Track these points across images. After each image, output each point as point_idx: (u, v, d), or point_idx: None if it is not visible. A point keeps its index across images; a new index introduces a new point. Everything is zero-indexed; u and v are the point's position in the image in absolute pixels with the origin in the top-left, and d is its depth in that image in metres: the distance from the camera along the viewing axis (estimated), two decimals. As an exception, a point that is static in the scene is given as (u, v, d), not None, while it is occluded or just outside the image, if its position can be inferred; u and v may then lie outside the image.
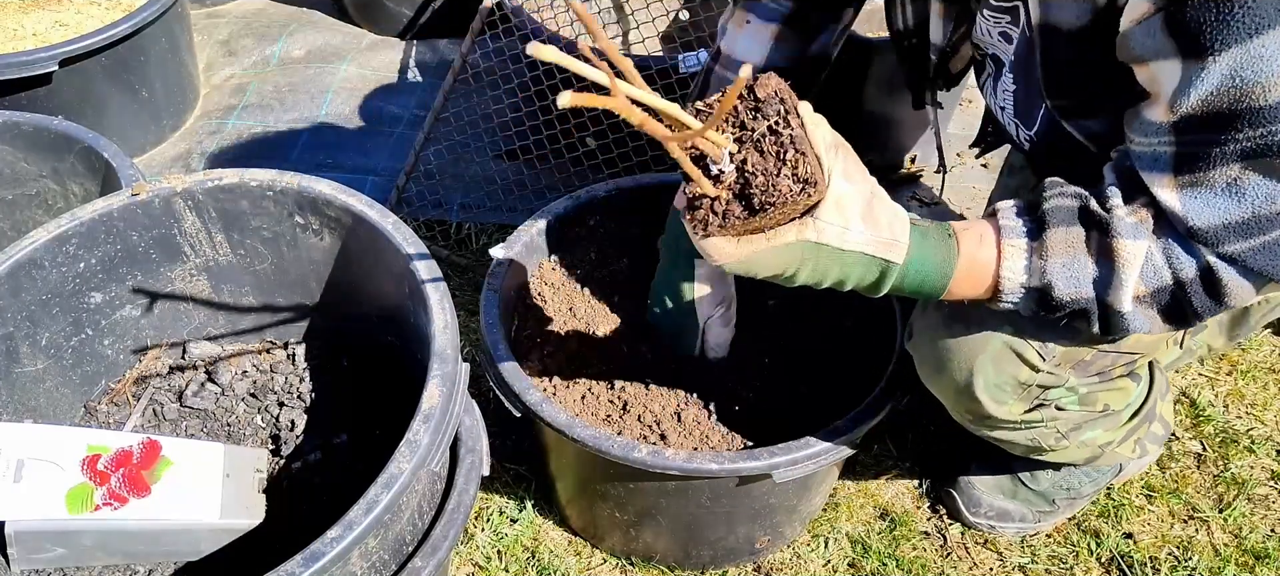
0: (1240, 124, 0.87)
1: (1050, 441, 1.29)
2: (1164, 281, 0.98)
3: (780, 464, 1.20)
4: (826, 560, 1.50)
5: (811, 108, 0.94)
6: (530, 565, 1.49)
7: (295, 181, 1.29)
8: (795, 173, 0.89)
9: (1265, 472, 1.63)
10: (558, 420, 1.23)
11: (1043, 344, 1.13)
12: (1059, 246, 0.98)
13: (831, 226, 0.92)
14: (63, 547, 1.13)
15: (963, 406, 1.23)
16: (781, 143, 0.90)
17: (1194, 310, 0.99)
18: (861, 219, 0.94)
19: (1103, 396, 1.27)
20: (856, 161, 0.96)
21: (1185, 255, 0.97)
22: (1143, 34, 0.91)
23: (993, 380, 1.17)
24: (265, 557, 0.97)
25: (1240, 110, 0.87)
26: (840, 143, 0.95)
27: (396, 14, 2.69)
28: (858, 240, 0.94)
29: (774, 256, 0.94)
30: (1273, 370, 1.79)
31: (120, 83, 2.19)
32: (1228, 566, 1.49)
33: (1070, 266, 0.98)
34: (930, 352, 1.20)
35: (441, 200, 2.14)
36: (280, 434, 1.34)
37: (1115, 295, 0.98)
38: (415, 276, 1.17)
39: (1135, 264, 0.97)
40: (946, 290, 1.02)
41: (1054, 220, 0.99)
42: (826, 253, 0.94)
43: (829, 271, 0.96)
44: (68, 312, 1.29)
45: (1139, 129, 0.96)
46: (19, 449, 1.14)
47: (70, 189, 1.70)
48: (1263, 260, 0.94)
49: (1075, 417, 1.26)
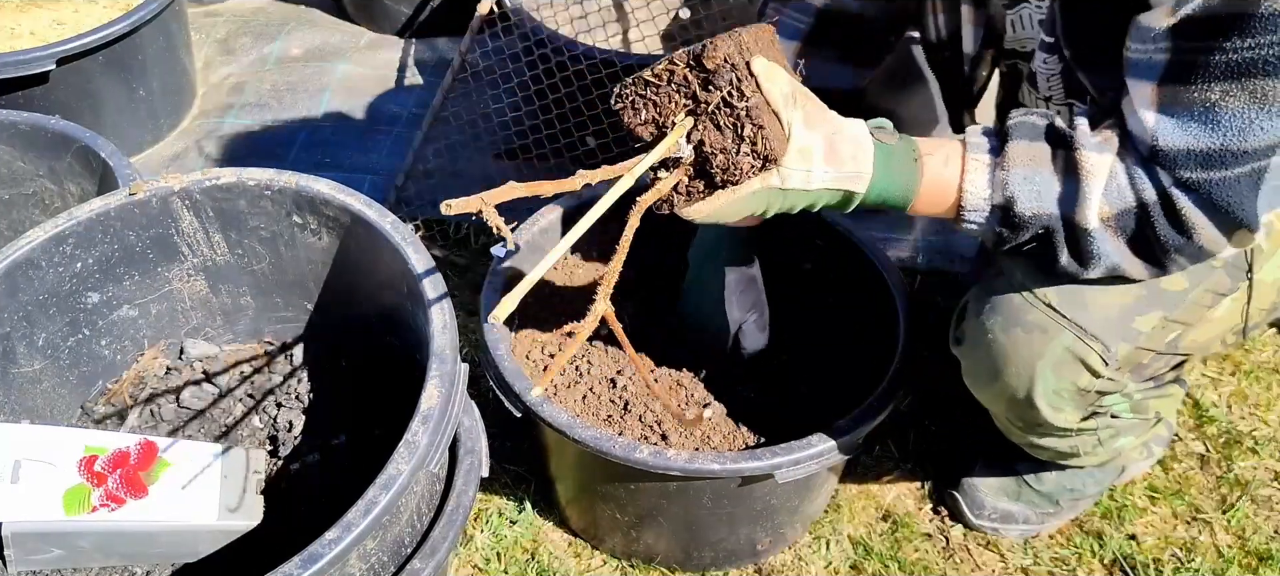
0: (1234, 32, 0.87)
1: (1088, 447, 1.27)
2: (1127, 202, 0.98)
3: (782, 464, 1.19)
4: (828, 562, 1.49)
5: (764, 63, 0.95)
6: (530, 566, 1.49)
7: (293, 181, 1.28)
8: (754, 149, 0.91)
9: (1269, 473, 1.62)
10: (559, 420, 1.22)
11: (1106, 347, 1.11)
12: (1021, 159, 1.00)
13: (795, 172, 0.97)
14: (60, 548, 1.13)
15: (1016, 413, 1.21)
16: (737, 116, 0.91)
17: (1160, 242, 0.99)
18: (824, 160, 0.98)
19: (1154, 403, 1.27)
20: (816, 104, 0.99)
21: (1145, 177, 0.97)
22: None
23: (1052, 387, 1.14)
24: (263, 559, 0.96)
25: (1237, 15, 0.87)
26: (798, 90, 0.97)
27: (395, 12, 2.68)
28: (822, 179, 0.99)
29: (741, 204, 0.98)
30: (1276, 370, 1.78)
31: (118, 81, 2.19)
32: (1231, 568, 1.48)
33: (1032, 179, 1.00)
34: (984, 358, 1.17)
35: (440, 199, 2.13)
36: (278, 435, 1.33)
37: (1081, 211, 0.99)
38: (414, 276, 1.17)
39: (1099, 176, 0.97)
40: (911, 206, 1.04)
41: (1017, 134, 1.01)
42: (792, 193, 0.99)
43: (796, 204, 1.01)
44: (65, 313, 1.28)
45: (1137, 36, 0.96)
46: (16, 449, 1.13)
47: (67, 188, 1.69)
48: (1221, 193, 0.94)
49: (1122, 425, 1.25)
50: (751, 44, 0.95)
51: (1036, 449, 1.30)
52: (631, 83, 0.97)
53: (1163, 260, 1.02)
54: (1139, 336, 1.12)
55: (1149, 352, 1.15)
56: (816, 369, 1.46)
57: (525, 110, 2.21)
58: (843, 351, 1.46)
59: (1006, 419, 1.24)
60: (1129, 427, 1.27)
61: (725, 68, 0.92)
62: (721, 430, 1.39)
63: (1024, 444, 1.29)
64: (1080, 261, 1.03)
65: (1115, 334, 1.11)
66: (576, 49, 2.00)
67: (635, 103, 0.97)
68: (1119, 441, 1.29)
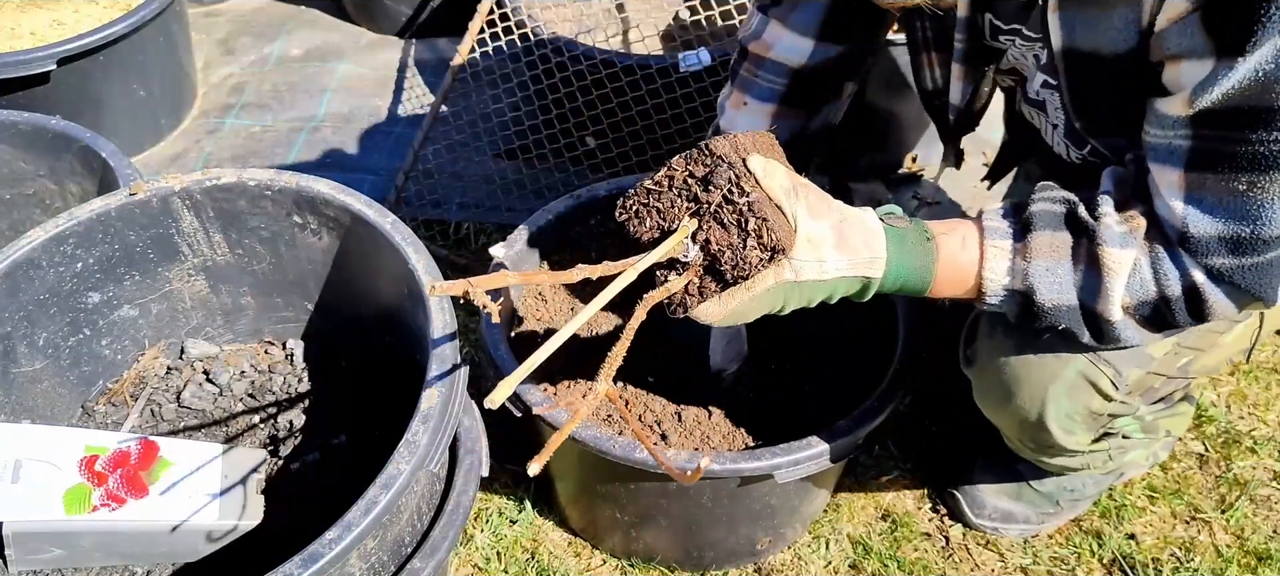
0: (1257, 125, 0.86)
1: (1099, 463, 1.28)
2: (1149, 294, 0.98)
3: (782, 464, 1.19)
4: (827, 561, 1.49)
5: (762, 161, 0.94)
6: (530, 566, 1.49)
7: (293, 181, 1.29)
8: (761, 241, 0.91)
9: (1267, 473, 1.62)
10: (559, 421, 1.22)
11: (1118, 372, 1.11)
12: (1043, 250, 0.98)
13: (808, 264, 0.95)
14: (61, 548, 1.13)
15: (1028, 435, 1.21)
16: (739, 211, 0.91)
17: (1176, 322, 0.99)
18: (835, 249, 0.96)
19: (1164, 422, 1.27)
20: (819, 194, 0.98)
21: (1173, 270, 0.96)
22: (1178, 33, 0.90)
23: (1065, 410, 1.14)
24: (263, 558, 0.96)
25: (1260, 109, 0.86)
26: (799, 183, 0.97)
27: (395, 12, 2.68)
28: (837, 268, 0.97)
29: (757, 303, 0.97)
30: (1275, 370, 1.78)
31: (118, 82, 2.19)
32: (1230, 567, 1.48)
33: (1053, 271, 0.98)
34: (996, 381, 1.16)
35: (440, 200, 2.13)
36: (279, 434, 1.33)
37: (1103, 304, 0.98)
38: (414, 276, 1.17)
39: (1122, 273, 0.96)
40: (930, 288, 1.03)
41: (1039, 223, 0.99)
42: (808, 286, 0.97)
43: (815, 296, 1.00)
44: (65, 313, 1.28)
45: (1156, 121, 0.95)
46: (16, 449, 1.14)
47: (68, 188, 1.69)
48: (1251, 280, 0.94)
49: (1132, 444, 1.25)
50: (748, 144, 0.95)
51: (1046, 465, 1.31)
52: (634, 192, 0.97)
53: (1173, 331, 1.03)
54: (1151, 361, 1.13)
55: (1160, 377, 1.15)
56: (816, 369, 1.46)
57: (525, 110, 2.21)
58: (843, 351, 1.46)
59: (1018, 439, 1.24)
60: (1139, 444, 1.27)
61: (723, 166, 0.92)
62: (721, 430, 1.39)
63: (1034, 460, 1.29)
64: (1100, 341, 1.03)
65: (1128, 359, 1.11)
66: (576, 49, 2.00)
67: (639, 211, 0.97)
68: (1128, 455, 1.30)
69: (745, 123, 1.42)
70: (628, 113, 2.00)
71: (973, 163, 2.24)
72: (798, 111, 1.42)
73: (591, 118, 2.03)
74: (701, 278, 0.93)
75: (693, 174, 0.94)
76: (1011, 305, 1.03)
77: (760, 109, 1.41)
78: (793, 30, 1.36)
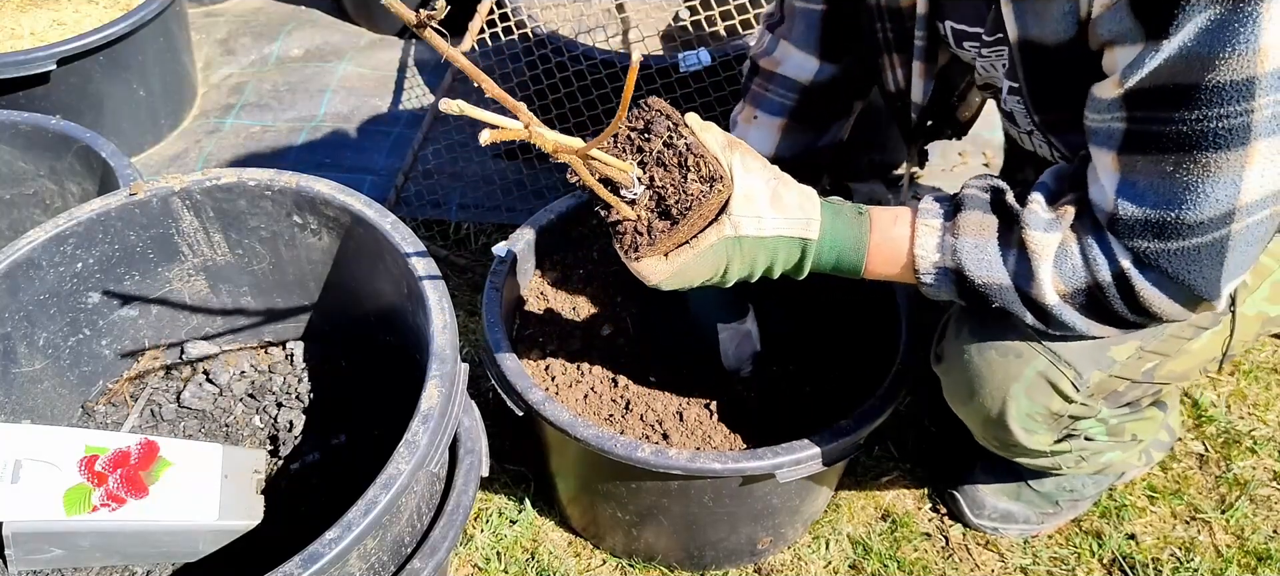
0: (1181, 104, 0.87)
1: (1070, 465, 1.28)
2: (1081, 281, 0.99)
3: (783, 464, 1.19)
4: (827, 561, 1.49)
5: (697, 117, 1.00)
6: (530, 566, 1.49)
7: (293, 181, 1.29)
8: (700, 174, 0.96)
9: (1267, 473, 1.62)
10: (560, 419, 1.22)
11: (1078, 374, 1.12)
12: (971, 228, 1.02)
13: (746, 219, 0.99)
14: (60, 548, 1.13)
15: (991, 434, 1.22)
16: (679, 152, 0.97)
17: (1115, 311, 1.00)
18: (770, 205, 1.01)
19: (1130, 426, 1.27)
20: (753, 154, 1.02)
21: (1101, 255, 0.97)
22: (1110, 18, 0.92)
23: (1025, 410, 1.15)
24: (264, 558, 0.96)
25: (1184, 87, 0.87)
26: (733, 141, 1.02)
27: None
28: (774, 226, 1.00)
29: (701, 261, 1.00)
30: (1275, 370, 1.78)
31: (118, 82, 2.19)
32: (1230, 567, 1.48)
33: (982, 249, 1.02)
34: (961, 378, 1.18)
35: (440, 200, 2.13)
36: (279, 434, 1.33)
37: (1036, 288, 1.00)
38: (414, 276, 1.17)
39: (1046, 255, 0.99)
40: (865, 265, 1.06)
41: (969, 205, 1.03)
42: (748, 243, 1.00)
43: (756, 259, 1.02)
44: (65, 313, 1.28)
45: (1093, 106, 0.97)
46: (16, 449, 1.14)
47: (68, 188, 1.69)
48: (1178, 266, 0.94)
49: (1100, 447, 1.26)
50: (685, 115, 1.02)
51: (1017, 463, 1.31)
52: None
53: (1127, 326, 1.03)
54: (1113, 365, 1.13)
55: (1124, 381, 1.15)
56: (817, 369, 1.46)
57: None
58: (844, 352, 1.46)
59: (983, 437, 1.25)
60: (1109, 448, 1.27)
61: (660, 118, 0.99)
62: (723, 430, 1.39)
63: (1005, 457, 1.30)
64: (1046, 325, 1.05)
65: (1089, 361, 1.12)
66: (576, 49, 2.00)
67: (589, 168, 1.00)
68: (1104, 457, 1.30)
69: (755, 136, 1.44)
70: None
71: (974, 162, 2.24)
72: (807, 128, 1.44)
73: (591, 118, 2.03)
74: (650, 215, 0.97)
75: (634, 127, 1.00)
76: (947, 283, 1.05)
77: (770, 122, 1.43)
78: (798, 48, 1.39)
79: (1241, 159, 0.87)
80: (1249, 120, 0.85)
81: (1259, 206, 0.90)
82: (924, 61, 1.26)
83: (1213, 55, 0.84)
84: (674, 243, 0.98)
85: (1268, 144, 0.87)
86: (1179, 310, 0.98)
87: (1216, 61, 0.84)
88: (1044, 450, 1.22)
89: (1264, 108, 0.85)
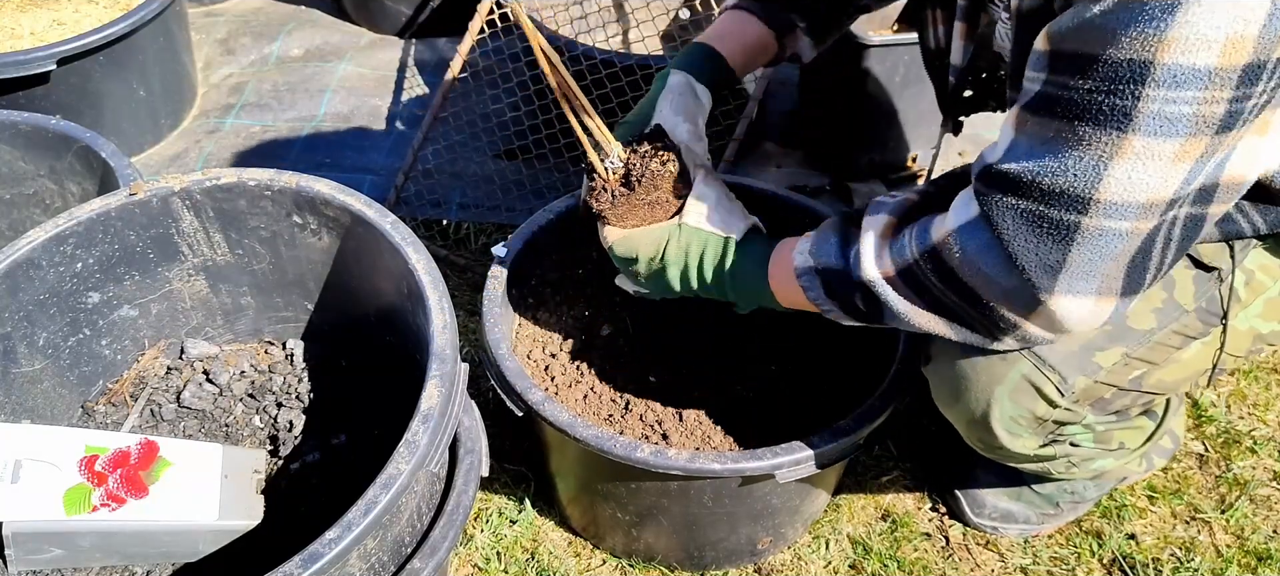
0: (1082, 71, 0.83)
1: (1060, 470, 1.28)
2: (907, 257, 1.00)
3: (783, 464, 1.19)
4: (827, 561, 1.49)
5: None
6: (530, 566, 1.49)
7: (293, 181, 1.29)
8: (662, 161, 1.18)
9: (1267, 473, 1.62)
10: (560, 419, 1.22)
11: (1063, 378, 1.12)
12: (825, 228, 1.11)
13: (691, 214, 1.19)
14: (60, 548, 1.13)
15: (976, 436, 1.22)
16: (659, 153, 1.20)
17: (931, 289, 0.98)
18: (714, 210, 1.19)
19: (1118, 434, 1.27)
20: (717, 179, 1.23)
21: (929, 230, 0.98)
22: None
23: (1009, 413, 1.15)
24: (264, 558, 0.96)
25: (1088, 56, 0.83)
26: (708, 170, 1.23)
27: (395, 13, 2.68)
28: (710, 225, 1.19)
29: (647, 236, 1.20)
30: (1275, 370, 1.78)
31: (118, 82, 2.19)
32: (1230, 567, 1.48)
33: (826, 237, 1.09)
34: (947, 380, 1.18)
35: (440, 199, 2.13)
36: (278, 434, 1.33)
37: (861, 266, 1.03)
38: (414, 276, 1.17)
39: (871, 232, 1.03)
40: (769, 277, 1.15)
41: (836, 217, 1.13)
42: (686, 230, 1.19)
43: (689, 247, 1.19)
44: (65, 313, 1.28)
45: (1029, 63, 0.92)
46: (16, 449, 1.14)
47: (68, 188, 1.69)
48: (1017, 228, 0.89)
49: (1088, 453, 1.25)
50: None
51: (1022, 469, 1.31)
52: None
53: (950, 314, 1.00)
54: (1099, 371, 1.13)
55: (1110, 387, 1.15)
56: (818, 369, 1.46)
57: (525, 110, 2.21)
58: (844, 352, 1.46)
59: (968, 438, 1.26)
60: (1097, 455, 1.27)
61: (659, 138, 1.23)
62: (721, 430, 1.39)
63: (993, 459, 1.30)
64: (876, 313, 1.05)
65: (1074, 366, 1.11)
66: (576, 49, 2.00)
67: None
68: (1095, 464, 1.29)
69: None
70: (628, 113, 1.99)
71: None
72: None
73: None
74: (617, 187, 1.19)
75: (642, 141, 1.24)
76: (815, 284, 1.09)
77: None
78: None
79: (1114, 145, 0.83)
80: (1134, 106, 0.81)
81: (1117, 211, 0.85)
82: (965, 22, 1.21)
83: (1119, 29, 0.80)
84: (630, 207, 1.19)
85: (1144, 143, 0.82)
86: (999, 289, 0.93)
87: (1121, 36, 0.80)
88: (1029, 454, 1.22)
89: (1151, 100, 0.80)
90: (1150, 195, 0.84)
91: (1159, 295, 1.13)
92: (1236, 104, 0.80)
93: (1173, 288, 1.13)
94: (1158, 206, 0.85)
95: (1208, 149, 0.83)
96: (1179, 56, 0.78)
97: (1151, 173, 0.83)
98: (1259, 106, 0.82)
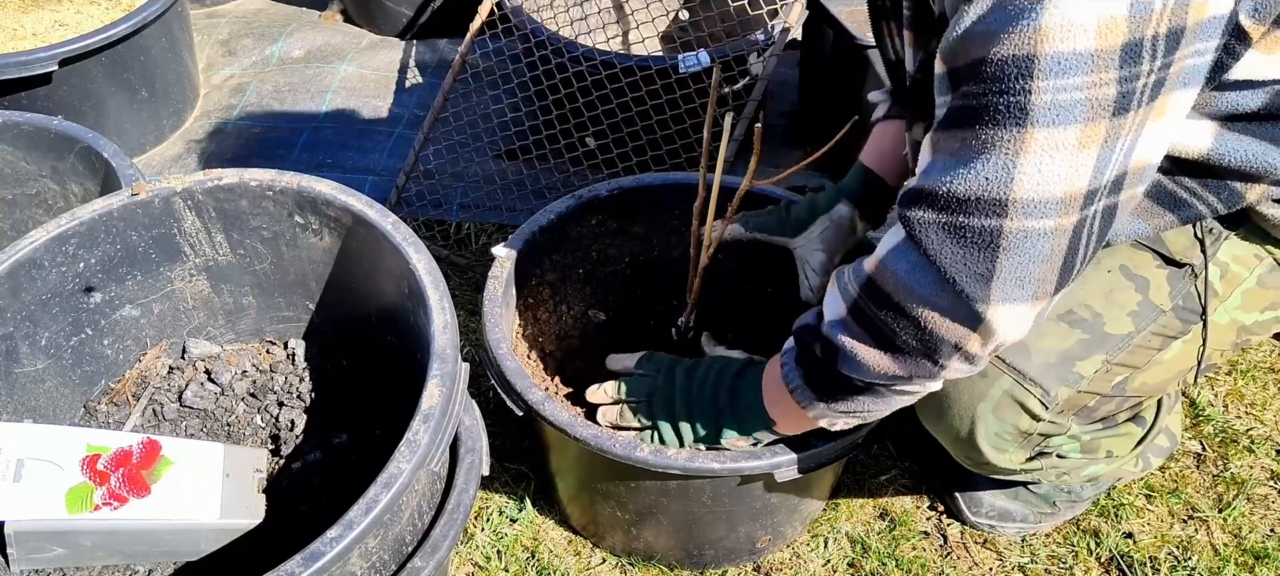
0: (974, 77, 0.84)
1: (1050, 479, 1.29)
2: (850, 296, 0.99)
3: (782, 463, 1.20)
4: (826, 559, 1.49)
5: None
6: (530, 565, 1.49)
7: (295, 181, 1.29)
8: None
9: (1265, 472, 1.63)
10: (560, 419, 1.22)
11: (1045, 391, 1.12)
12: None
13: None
14: (62, 547, 1.13)
15: (963, 454, 1.23)
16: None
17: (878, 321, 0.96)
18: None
19: (1105, 443, 1.27)
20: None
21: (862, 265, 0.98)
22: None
23: (994, 429, 1.16)
24: (265, 557, 0.97)
25: (976, 61, 0.83)
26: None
27: (396, 14, 2.69)
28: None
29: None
30: (1272, 370, 1.79)
31: (120, 82, 2.19)
32: (1227, 566, 1.49)
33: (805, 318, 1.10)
34: (931, 399, 1.18)
35: (441, 200, 2.14)
36: (280, 433, 1.34)
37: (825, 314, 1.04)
38: (415, 276, 1.17)
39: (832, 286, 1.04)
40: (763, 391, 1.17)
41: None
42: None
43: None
44: (67, 312, 1.29)
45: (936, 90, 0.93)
46: (19, 448, 1.14)
47: (70, 189, 1.70)
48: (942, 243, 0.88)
49: (1075, 464, 1.26)
50: None
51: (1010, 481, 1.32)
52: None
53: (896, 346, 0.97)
54: (1080, 380, 1.13)
55: (1094, 395, 1.15)
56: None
57: (525, 111, 2.21)
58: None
59: (955, 455, 1.26)
60: (1085, 464, 1.28)
61: None
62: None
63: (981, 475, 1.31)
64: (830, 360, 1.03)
65: (1055, 378, 1.12)
66: (576, 50, 2.00)
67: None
68: (1085, 471, 1.30)
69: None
70: (627, 114, 2.00)
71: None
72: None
73: (591, 118, 2.04)
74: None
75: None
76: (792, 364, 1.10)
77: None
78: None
79: (1017, 141, 0.82)
80: (1027, 100, 0.80)
81: (1036, 210, 0.84)
82: (911, 32, 1.21)
83: (998, 29, 0.80)
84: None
85: (1046, 134, 0.81)
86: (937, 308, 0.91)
87: (1001, 36, 0.80)
88: (1016, 468, 1.22)
89: (1043, 91, 0.80)
90: (1065, 188, 0.83)
91: (1133, 297, 1.13)
92: (1126, 83, 0.80)
93: (1147, 288, 1.13)
94: (1076, 200, 0.84)
95: (1109, 133, 0.82)
96: (1059, 44, 0.78)
97: (1060, 163, 0.82)
98: (1151, 87, 0.82)
